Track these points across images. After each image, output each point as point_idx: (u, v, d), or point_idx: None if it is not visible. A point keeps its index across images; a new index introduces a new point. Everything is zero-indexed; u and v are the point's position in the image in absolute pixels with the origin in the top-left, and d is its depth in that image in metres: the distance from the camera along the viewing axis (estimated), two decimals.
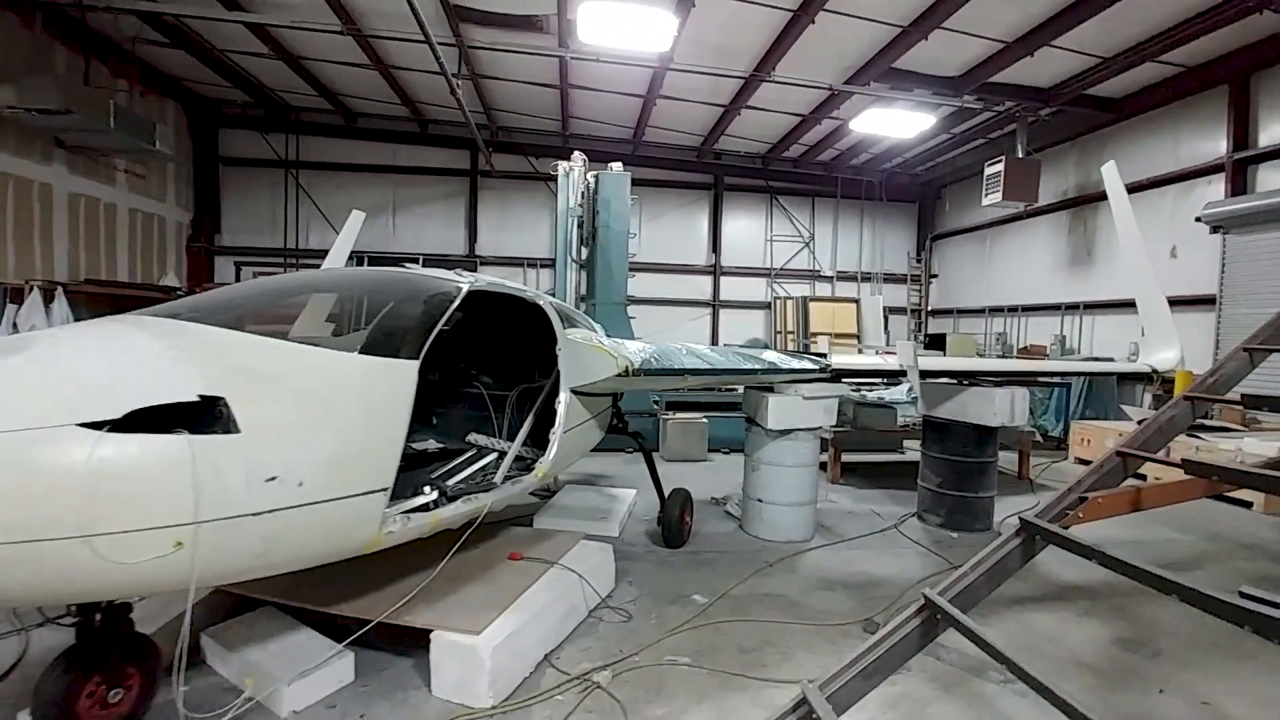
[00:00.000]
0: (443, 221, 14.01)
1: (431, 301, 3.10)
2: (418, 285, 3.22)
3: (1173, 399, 3.30)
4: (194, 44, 9.79)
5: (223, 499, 2.14)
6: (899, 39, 8.58)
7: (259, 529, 2.25)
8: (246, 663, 2.89)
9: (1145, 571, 2.09)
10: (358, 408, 2.54)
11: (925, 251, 15.64)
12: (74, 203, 9.67)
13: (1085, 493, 2.79)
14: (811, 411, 4.96)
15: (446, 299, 3.16)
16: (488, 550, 3.84)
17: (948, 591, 2.42)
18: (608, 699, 2.86)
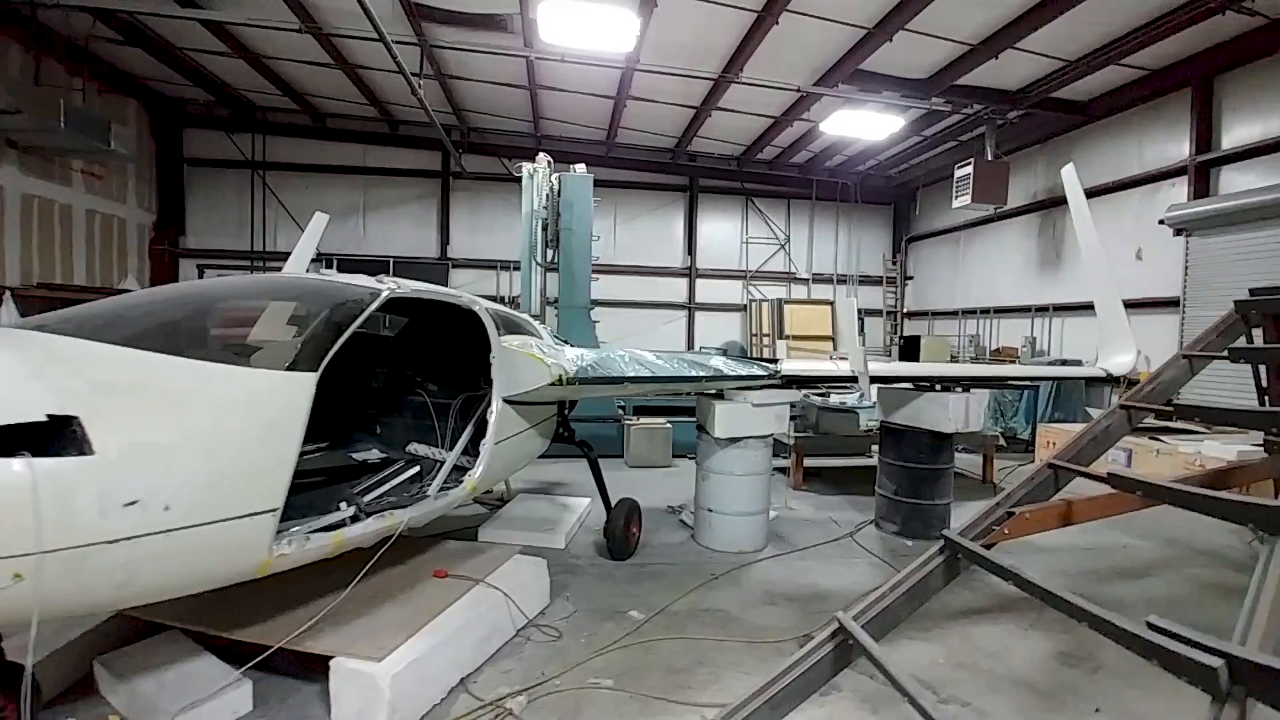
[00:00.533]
0: (414, 223, 13.80)
1: (338, 310, 2.94)
2: (324, 293, 3.06)
3: (1109, 407, 3.21)
4: (151, 42, 9.54)
5: (72, 527, 1.98)
6: (865, 41, 8.53)
7: (118, 557, 2.09)
8: (136, 693, 2.73)
9: (1058, 597, 1.99)
10: (238, 424, 2.38)
11: (901, 254, 15.65)
12: (27, 204, 9.38)
13: (1013, 507, 2.69)
14: (762, 419, 4.85)
15: (356, 307, 3.01)
16: (415, 567, 3.69)
17: (863, 615, 2.30)
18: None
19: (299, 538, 2.69)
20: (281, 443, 2.50)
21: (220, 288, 3.19)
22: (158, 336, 2.49)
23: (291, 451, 2.52)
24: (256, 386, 2.47)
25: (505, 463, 4.07)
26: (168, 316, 2.69)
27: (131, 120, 11.53)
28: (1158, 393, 3.21)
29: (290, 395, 2.54)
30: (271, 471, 2.47)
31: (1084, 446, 2.99)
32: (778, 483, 7.11)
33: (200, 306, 2.84)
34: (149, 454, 2.15)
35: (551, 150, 13.66)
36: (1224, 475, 3.61)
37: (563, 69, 9.83)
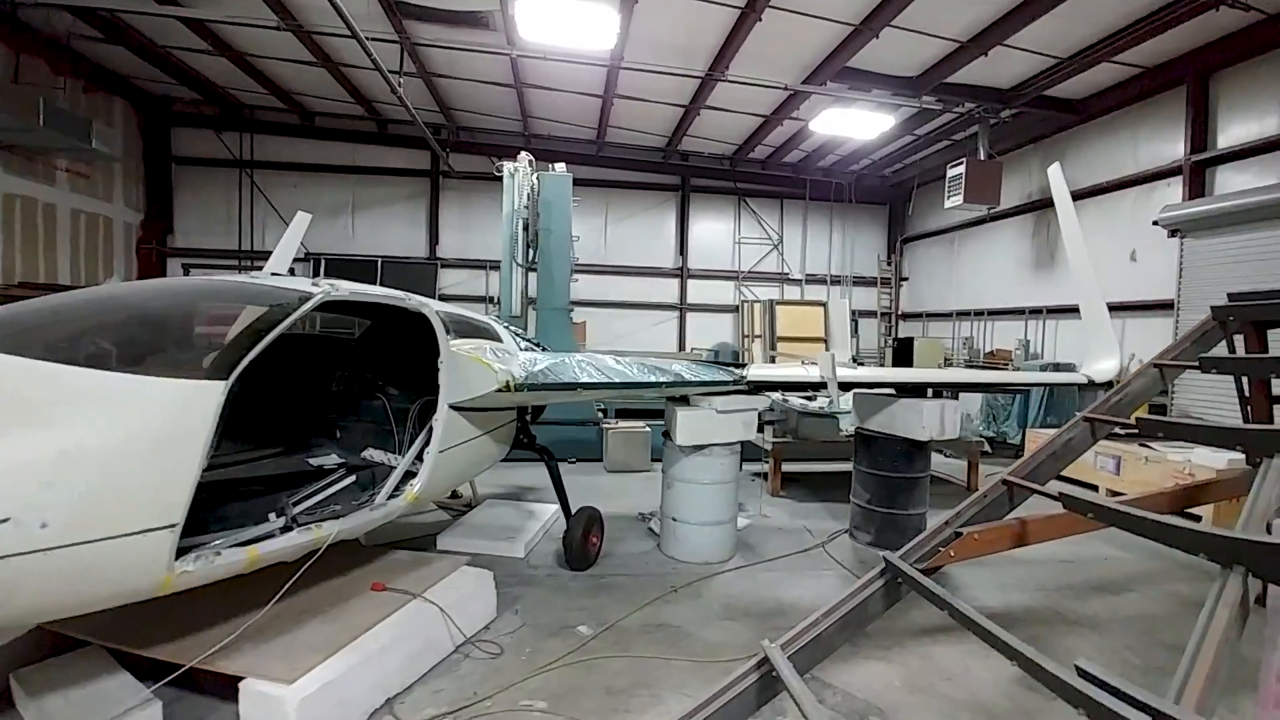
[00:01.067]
0: (404, 223, 13.71)
1: (261, 315, 2.82)
2: (246, 296, 2.94)
3: (1071, 420, 3.05)
4: (133, 39, 9.46)
5: None
6: (851, 38, 8.36)
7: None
8: (43, 711, 2.62)
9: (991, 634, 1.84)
10: (129, 437, 2.26)
11: (895, 254, 15.45)
12: (9, 203, 9.33)
13: (963, 527, 2.53)
14: (727, 425, 4.71)
15: (279, 312, 2.88)
16: (355, 579, 3.57)
17: (793, 644, 2.16)
18: None
19: (207, 554, 2.57)
20: (181, 456, 2.38)
21: (141, 291, 3.07)
22: (54, 344, 2.37)
23: (193, 465, 2.40)
24: (152, 397, 2.35)
25: (453, 471, 3.95)
26: (72, 322, 2.57)
27: (119, 119, 11.48)
28: (1125, 404, 3.05)
29: (192, 406, 2.42)
30: (168, 486, 2.35)
31: (1042, 462, 2.83)
32: (755, 489, 6.97)
33: (114, 311, 2.72)
34: (20, 470, 2.04)
35: (541, 150, 13.63)
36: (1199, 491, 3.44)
37: (548, 67, 9.71)
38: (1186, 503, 3.50)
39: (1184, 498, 3.46)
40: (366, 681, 2.83)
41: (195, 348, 2.61)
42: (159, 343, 2.59)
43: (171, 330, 2.64)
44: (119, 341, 2.49)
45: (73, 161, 10.22)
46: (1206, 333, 3.38)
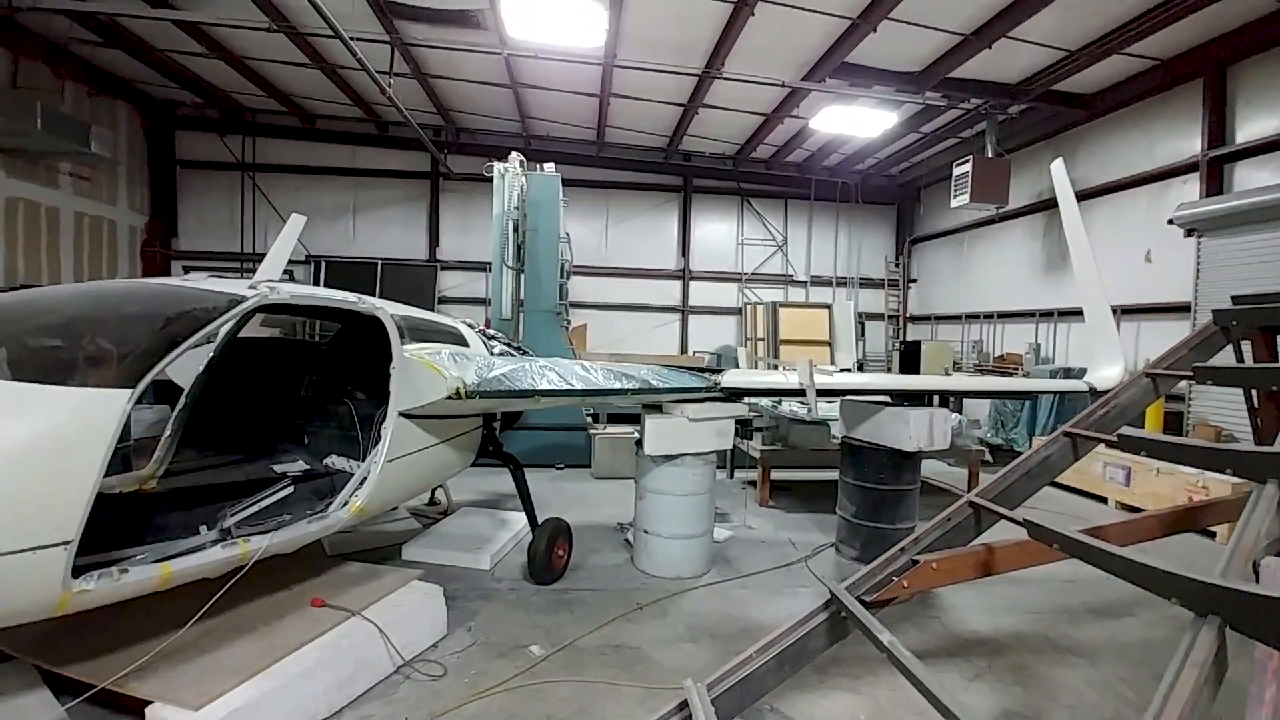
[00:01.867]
0: (403, 225, 13.67)
1: (176, 320, 2.68)
2: (165, 300, 2.80)
3: (1051, 434, 2.80)
4: (129, 43, 9.51)
5: None
6: (849, 32, 8.11)
7: None
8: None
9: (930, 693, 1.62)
10: (15, 449, 2.12)
11: (903, 255, 15.08)
12: (11, 206, 9.43)
13: (921, 554, 2.31)
14: (700, 435, 4.50)
15: (201, 317, 2.75)
16: (298, 593, 3.43)
17: (721, 683, 1.95)
18: None
19: (112, 572, 2.43)
20: (76, 468, 2.24)
21: (60, 294, 2.97)
22: None
23: (89, 479, 2.26)
24: (44, 406, 2.22)
25: (403, 482, 3.79)
26: None
27: (123, 122, 11.59)
28: (1112, 416, 2.79)
29: (89, 416, 2.28)
30: (61, 500, 2.22)
31: (1015, 481, 2.59)
32: (743, 497, 6.75)
33: (24, 315, 2.60)
34: None
35: (541, 150, 13.53)
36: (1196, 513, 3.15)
37: (542, 66, 9.58)
38: (1190, 524, 3.21)
39: (1187, 518, 3.18)
40: (285, 707, 2.67)
41: (104, 354, 2.47)
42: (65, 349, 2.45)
43: (82, 336, 2.50)
44: (18, 347, 2.36)
45: (76, 165, 10.32)
46: (1207, 339, 3.10)
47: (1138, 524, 2.70)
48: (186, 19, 8.36)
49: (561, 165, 13.57)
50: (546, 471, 7.84)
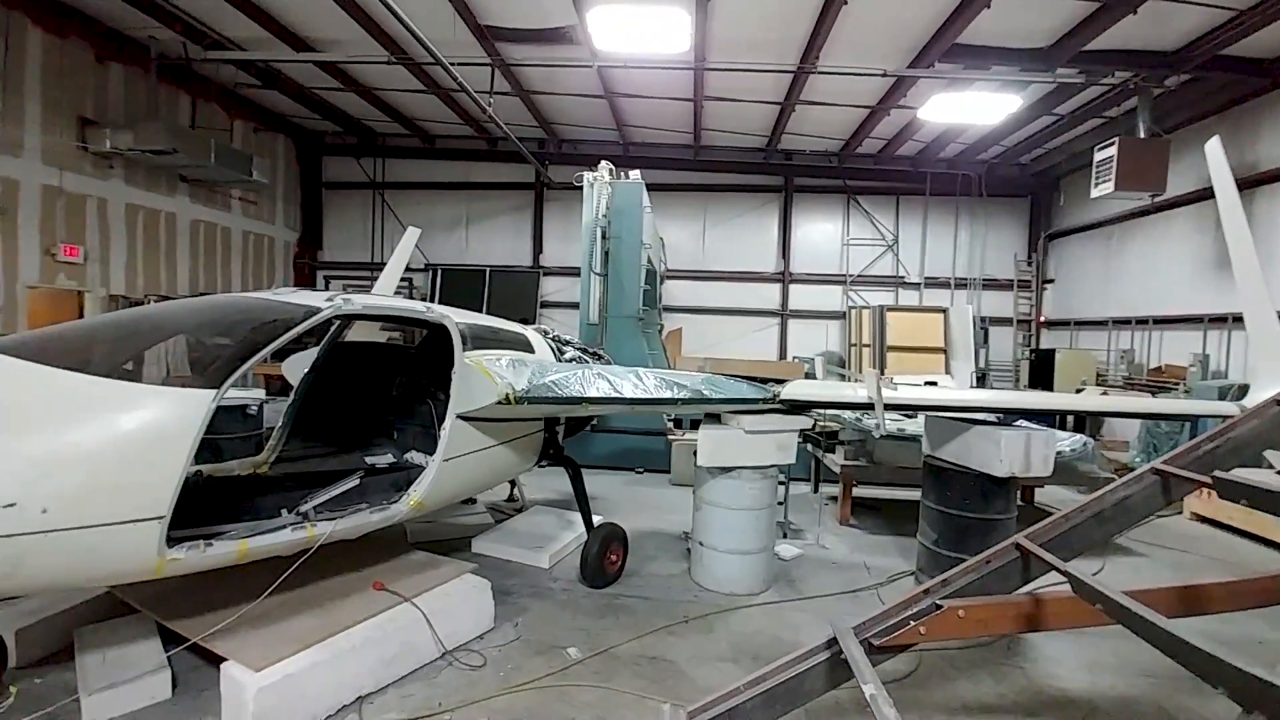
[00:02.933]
0: (510, 234, 14.52)
1: (258, 330, 3.06)
2: (252, 313, 3.20)
3: (1136, 471, 2.34)
4: (285, 84, 11.01)
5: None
6: (959, 10, 7.40)
7: None
8: (84, 666, 3.04)
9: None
10: (120, 438, 2.54)
11: (1037, 253, 13.45)
12: (195, 227, 11.27)
13: (947, 598, 2.04)
14: (757, 447, 4.33)
15: (279, 327, 3.12)
16: (366, 575, 3.75)
17: (704, 711, 1.88)
18: None
19: (199, 545, 2.82)
20: (168, 456, 2.63)
21: (170, 309, 3.48)
22: (84, 355, 2.75)
23: (177, 464, 2.64)
24: (143, 403, 2.63)
25: (461, 480, 4.02)
26: (108, 336, 2.98)
27: (280, 152, 13.43)
28: (1224, 452, 2.28)
29: (178, 412, 2.67)
30: (155, 482, 2.61)
31: (1079, 524, 2.20)
32: (823, 514, 6.39)
33: (143, 326, 3.11)
34: (27, 461, 2.37)
35: (639, 157, 13.77)
36: None
37: (634, 75, 9.77)
38: (1265, 599, 2.54)
39: (1259, 593, 2.52)
40: (334, 677, 2.95)
41: (194, 360, 2.88)
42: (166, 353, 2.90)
43: (182, 342, 2.94)
44: (126, 353, 2.82)
45: (243, 191, 12.11)
46: None
47: (1252, 586, 2.17)
48: (325, 59, 9.52)
49: (658, 170, 13.89)
50: (625, 475, 7.95)
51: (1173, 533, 6.40)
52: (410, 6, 7.83)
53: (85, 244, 9.03)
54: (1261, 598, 2.22)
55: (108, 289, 9.41)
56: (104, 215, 9.35)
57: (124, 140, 9.00)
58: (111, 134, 8.98)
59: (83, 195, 8.99)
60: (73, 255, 8.81)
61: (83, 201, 9.01)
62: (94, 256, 9.20)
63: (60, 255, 8.65)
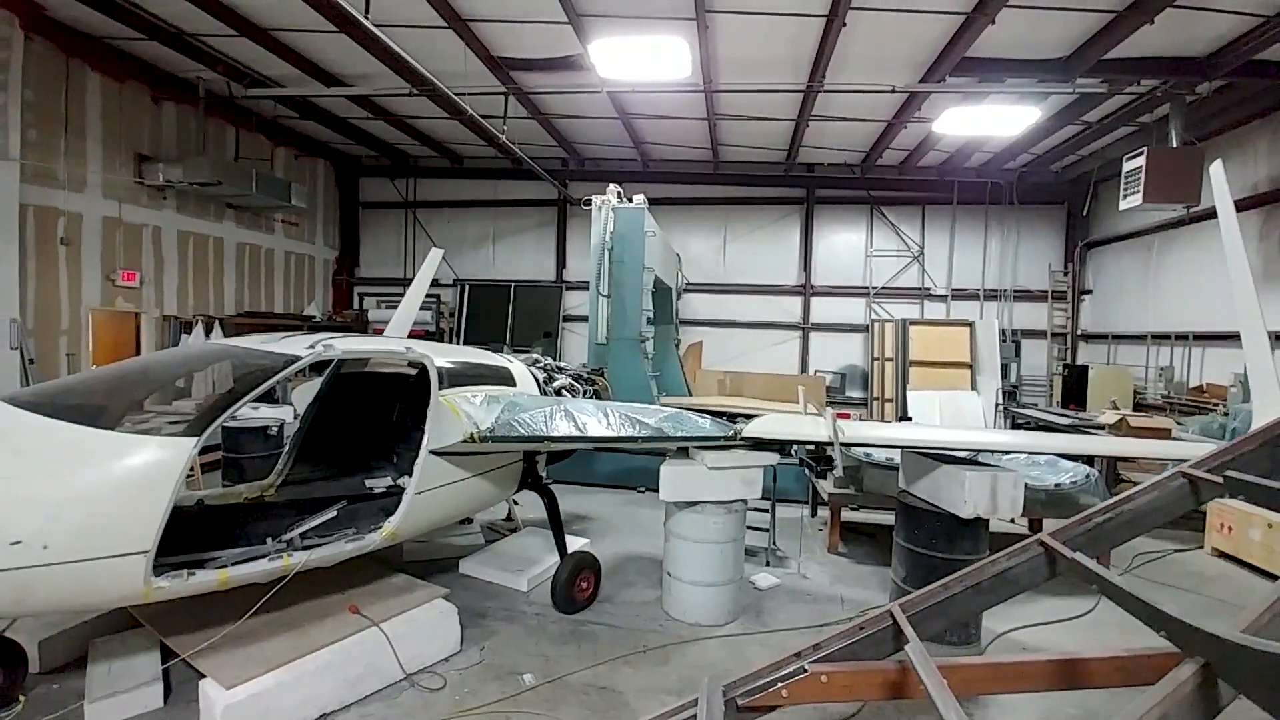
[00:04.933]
0: (535, 249, 14.93)
1: (239, 380, 3.41)
2: (239, 362, 3.56)
3: (1022, 542, 2.36)
4: (322, 115, 11.73)
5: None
6: (964, 27, 7.28)
7: (9, 580, 2.71)
8: (91, 675, 3.45)
9: None
10: (109, 482, 2.91)
11: (1074, 263, 12.88)
12: (240, 251, 12.11)
13: (815, 662, 2.12)
14: (721, 482, 4.44)
15: (260, 375, 3.46)
16: (347, 598, 4.07)
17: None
18: None
19: (181, 574, 3.17)
20: (152, 498, 2.99)
21: (164, 359, 3.88)
22: (82, 408, 3.14)
23: (161, 505, 2.99)
24: (131, 451, 2.99)
25: (433, 511, 4.29)
26: (105, 388, 3.38)
27: (320, 175, 14.25)
28: (1116, 525, 2.27)
29: (162, 458, 3.03)
30: (142, 520, 2.97)
31: (959, 594, 2.23)
32: (812, 541, 6.41)
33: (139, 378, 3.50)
34: (30, 505, 2.75)
35: (659, 172, 13.97)
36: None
37: (646, 97, 9.94)
38: None
39: None
40: (298, 696, 3.26)
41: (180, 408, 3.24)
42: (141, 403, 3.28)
43: (158, 392, 3.32)
44: (115, 405, 3.20)
45: (285, 214, 12.92)
46: None
47: (1147, 661, 2.10)
48: (353, 93, 10.11)
49: (678, 184, 14.05)
50: (626, 494, 8.13)
51: (1188, 570, 6.11)
52: (425, 43, 8.34)
53: (141, 269, 9.87)
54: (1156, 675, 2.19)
55: (161, 310, 10.25)
56: (158, 242, 10.20)
57: (175, 174, 9.81)
58: (164, 168, 9.80)
59: (139, 225, 9.84)
60: (130, 280, 9.65)
61: (139, 231, 9.86)
62: (149, 280, 10.05)
63: (119, 280, 9.49)
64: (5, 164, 7.56)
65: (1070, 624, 4.68)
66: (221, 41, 8.73)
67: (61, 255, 8.63)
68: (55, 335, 8.61)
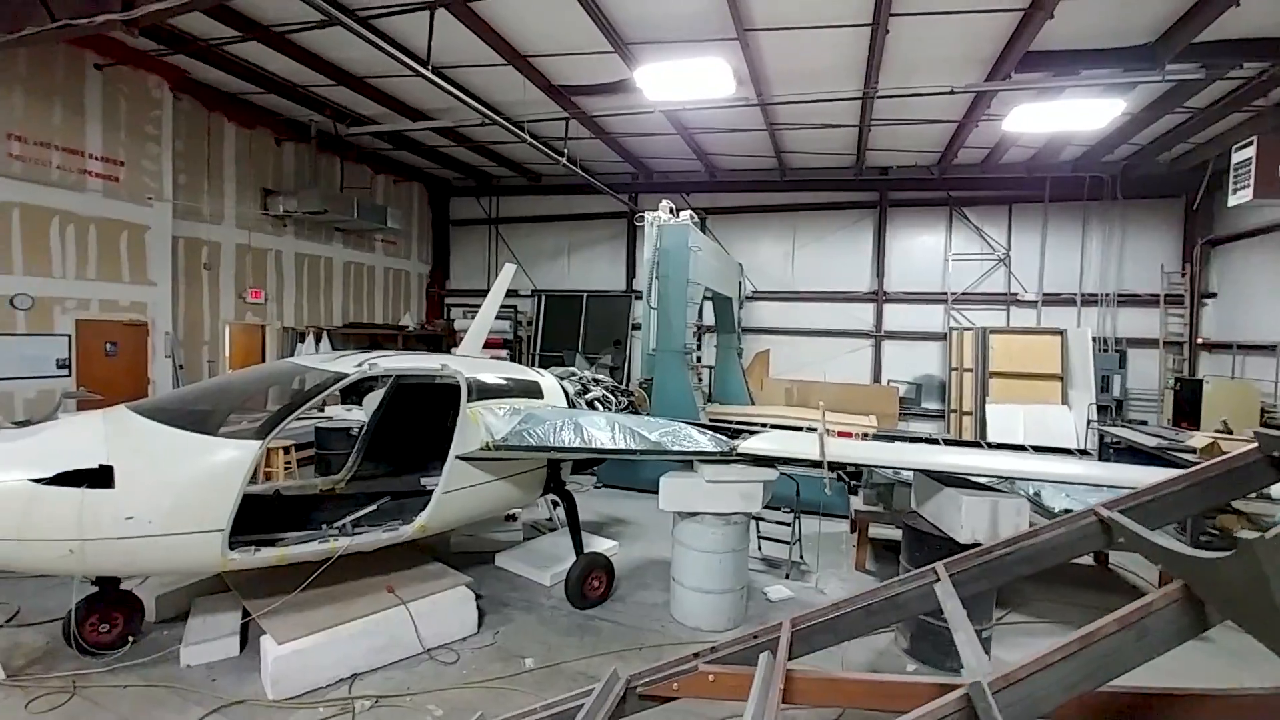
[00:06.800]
0: (607, 260, 15.57)
1: (296, 394, 4.15)
2: (288, 379, 4.31)
3: (917, 569, 2.42)
4: (413, 144, 13.07)
5: (96, 528, 3.49)
6: (1024, 23, 6.90)
7: (121, 548, 3.57)
8: (190, 625, 4.32)
9: None
10: (194, 474, 3.71)
11: (1193, 263, 11.46)
12: (346, 269, 13.74)
13: (709, 662, 2.33)
14: (719, 496, 4.65)
15: (315, 390, 4.18)
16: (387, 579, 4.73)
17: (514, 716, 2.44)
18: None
19: (250, 550, 3.94)
20: (226, 487, 3.75)
21: (244, 376, 4.73)
22: (181, 414, 4.00)
23: (231, 493, 3.75)
24: (212, 449, 3.78)
25: (459, 510, 4.86)
26: (199, 399, 4.24)
27: (415, 198, 15.77)
28: (1015, 560, 2.26)
29: (234, 456, 3.79)
30: (218, 505, 3.74)
31: (849, 613, 2.36)
32: (837, 558, 6.38)
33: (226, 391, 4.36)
34: (142, 489, 3.59)
35: (725, 181, 14.13)
36: None
37: (700, 113, 10.18)
38: None
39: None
40: (334, 656, 3.92)
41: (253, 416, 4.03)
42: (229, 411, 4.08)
43: (236, 406, 4.13)
44: (200, 413, 4.02)
45: (385, 235, 14.46)
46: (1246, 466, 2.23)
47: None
48: (436, 126, 11.20)
49: (746, 193, 14.10)
50: None
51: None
52: (491, 79, 9.18)
53: (266, 288, 11.56)
54: None
55: (281, 322, 11.92)
56: (279, 264, 11.87)
57: (292, 204, 11.41)
58: (284, 200, 11.43)
59: (264, 249, 11.53)
60: (257, 297, 11.34)
61: (265, 254, 11.55)
62: (272, 297, 11.73)
63: (248, 298, 11.19)
64: (162, 204, 9.25)
65: None
66: (326, 90, 10.07)
67: (204, 278, 10.35)
68: (199, 345, 10.34)
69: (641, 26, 7.72)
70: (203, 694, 3.73)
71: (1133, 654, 1.56)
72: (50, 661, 3.98)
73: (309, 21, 7.54)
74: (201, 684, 3.84)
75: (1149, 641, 1.56)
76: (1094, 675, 1.56)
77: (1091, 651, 1.54)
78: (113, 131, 8.64)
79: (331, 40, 8.26)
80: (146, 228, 9.07)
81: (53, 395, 7.65)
